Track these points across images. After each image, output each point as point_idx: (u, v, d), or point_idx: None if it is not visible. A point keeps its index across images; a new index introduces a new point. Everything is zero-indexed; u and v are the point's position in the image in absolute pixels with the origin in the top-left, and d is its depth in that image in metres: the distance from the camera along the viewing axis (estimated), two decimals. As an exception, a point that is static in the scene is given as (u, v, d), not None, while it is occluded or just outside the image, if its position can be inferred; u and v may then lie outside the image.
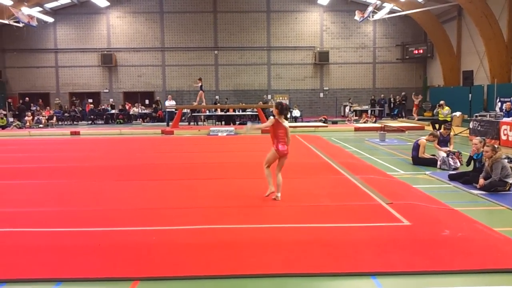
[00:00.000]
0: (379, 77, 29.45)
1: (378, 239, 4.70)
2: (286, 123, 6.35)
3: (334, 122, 23.13)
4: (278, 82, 29.27)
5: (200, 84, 20.80)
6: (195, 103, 22.80)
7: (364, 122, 22.44)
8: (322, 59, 28.55)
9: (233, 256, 4.28)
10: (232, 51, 28.93)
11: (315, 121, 23.27)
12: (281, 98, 27.86)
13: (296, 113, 24.68)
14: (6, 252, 4.42)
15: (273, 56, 29.13)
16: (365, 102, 28.39)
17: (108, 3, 27.77)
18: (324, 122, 22.04)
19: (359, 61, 29.22)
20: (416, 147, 9.84)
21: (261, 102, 26.00)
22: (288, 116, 23.16)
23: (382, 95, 28.03)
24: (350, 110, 26.13)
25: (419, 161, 9.76)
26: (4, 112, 24.06)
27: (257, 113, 21.80)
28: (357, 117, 24.71)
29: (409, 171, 9.16)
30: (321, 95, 29.44)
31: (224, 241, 4.67)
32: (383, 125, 19.29)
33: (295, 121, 23.58)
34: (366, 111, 25.69)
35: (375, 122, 22.83)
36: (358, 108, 26.90)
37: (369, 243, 4.57)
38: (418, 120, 22.93)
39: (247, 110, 24.24)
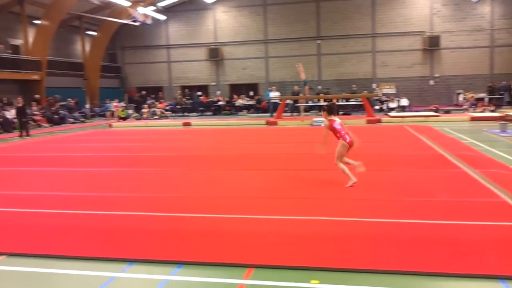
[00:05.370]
0: (498, 61, 26.80)
1: (506, 239, 4.30)
2: (338, 119, 7.14)
3: (447, 111, 21.60)
4: (384, 70, 28.09)
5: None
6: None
7: (481, 111, 20.67)
8: (432, 44, 26.77)
9: (346, 249, 4.20)
10: (335, 40, 28.37)
11: (425, 110, 21.97)
12: (387, 87, 26.77)
13: (404, 102, 23.61)
14: (132, 234, 4.82)
15: (378, 43, 28.01)
16: (481, 89, 26.04)
17: (214, -1, 28.92)
18: (435, 112, 20.71)
19: (474, 45, 26.86)
20: (547, 138, 8.81)
21: (366, 91, 25.26)
22: (393, 105, 22.48)
23: (504, 82, 25.48)
24: (464, 98, 24.22)
25: (550, 154, 8.74)
26: (125, 105, 26.34)
27: (362, 103, 21.19)
28: (473, 105, 22.82)
29: (538, 165, 8.24)
30: (431, 82, 27.66)
31: (335, 233, 4.61)
32: (504, 114, 17.56)
33: (403, 111, 22.54)
34: (482, 99, 23.60)
35: (494, 111, 20.89)
36: (474, 95, 24.82)
37: (495, 243, 4.20)
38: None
39: (351, 100, 23.76)
